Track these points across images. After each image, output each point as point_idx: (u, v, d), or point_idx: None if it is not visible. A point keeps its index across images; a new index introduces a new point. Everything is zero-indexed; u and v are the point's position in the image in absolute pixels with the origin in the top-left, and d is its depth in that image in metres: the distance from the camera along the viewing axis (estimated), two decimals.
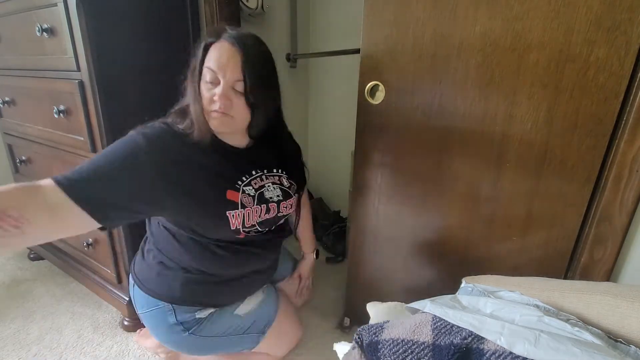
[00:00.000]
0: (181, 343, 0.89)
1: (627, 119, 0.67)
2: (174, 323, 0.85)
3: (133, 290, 0.91)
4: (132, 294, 0.92)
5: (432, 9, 0.78)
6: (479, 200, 0.86)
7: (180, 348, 0.92)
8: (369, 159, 0.98)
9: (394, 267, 1.06)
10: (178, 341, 0.88)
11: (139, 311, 0.91)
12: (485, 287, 0.63)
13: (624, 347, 0.46)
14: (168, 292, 0.85)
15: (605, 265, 0.77)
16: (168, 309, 0.85)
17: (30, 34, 1.04)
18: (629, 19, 0.63)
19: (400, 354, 0.50)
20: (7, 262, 1.59)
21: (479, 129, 0.80)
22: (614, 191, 0.71)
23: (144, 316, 0.90)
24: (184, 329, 0.85)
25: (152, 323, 0.89)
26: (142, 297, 0.88)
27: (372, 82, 0.89)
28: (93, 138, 1.02)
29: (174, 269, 0.85)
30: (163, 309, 0.85)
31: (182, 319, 0.85)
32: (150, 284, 0.87)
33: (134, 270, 0.92)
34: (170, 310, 0.85)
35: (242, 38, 0.70)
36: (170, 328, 0.86)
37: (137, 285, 0.89)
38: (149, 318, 0.88)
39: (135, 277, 0.91)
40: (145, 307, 0.88)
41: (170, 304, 0.85)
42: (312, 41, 1.86)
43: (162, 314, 0.86)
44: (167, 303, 0.85)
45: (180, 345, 0.90)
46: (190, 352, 0.94)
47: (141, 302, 0.89)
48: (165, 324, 0.86)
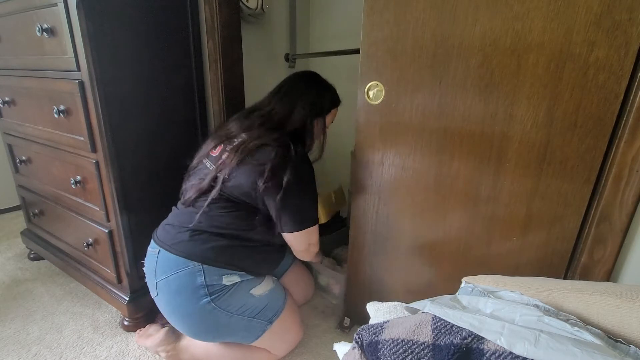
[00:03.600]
0: (196, 313, 0.91)
1: (627, 119, 0.67)
2: (201, 284, 0.90)
3: (157, 258, 0.94)
4: (155, 262, 0.94)
5: (432, 9, 0.78)
6: (479, 200, 0.86)
7: (191, 322, 0.93)
8: (369, 159, 0.98)
9: (394, 267, 1.06)
10: (194, 311, 0.91)
11: (160, 278, 0.93)
12: (485, 287, 0.63)
13: (624, 347, 0.46)
14: (202, 253, 0.92)
15: (605, 265, 0.77)
16: (198, 269, 0.90)
17: (30, 34, 1.05)
18: (629, 19, 0.63)
19: (400, 354, 0.50)
20: (7, 262, 1.59)
21: (479, 129, 0.80)
22: (613, 191, 0.71)
23: (166, 281, 0.92)
24: (207, 292, 0.90)
25: (175, 286, 0.91)
26: (169, 260, 0.92)
27: (372, 82, 0.89)
28: (93, 138, 1.02)
29: (208, 233, 0.93)
30: (193, 270, 0.90)
31: (210, 281, 0.91)
32: (183, 247, 0.92)
33: (159, 238, 0.97)
34: (200, 271, 0.90)
35: None
36: (195, 291, 0.90)
37: (164, 250, 0.93)
38: (174, 281, 0.91)
39: (161, 243, 0.95)
40: (172, 270, 0.91)
41: (201, 264, 0.90)
42: (312, 41, 1.86)
43: (191, 274, 0.90)
44: (199, 263, 0.90)
45: (193, 316, 0.92)
46: (199, 329, 0.96)
47: (168, 266, 0.92)
48: (191, 286, 0.90)
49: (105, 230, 1.13)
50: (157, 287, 0.95)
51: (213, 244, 0.93)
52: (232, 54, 1.23)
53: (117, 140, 1.03)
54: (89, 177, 1.10)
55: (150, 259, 0.98)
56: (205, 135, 1.31)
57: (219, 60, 1.20)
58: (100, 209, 1.11)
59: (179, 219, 0.98)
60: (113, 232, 1.13)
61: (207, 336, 0.99)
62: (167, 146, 1.18)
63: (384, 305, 0.73)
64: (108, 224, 1.13)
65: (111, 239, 1.14)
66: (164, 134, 1.16)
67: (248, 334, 0.98)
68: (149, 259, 0.98)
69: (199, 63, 1.22)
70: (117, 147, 1.03)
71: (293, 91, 1.02)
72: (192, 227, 0.93)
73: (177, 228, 0.96)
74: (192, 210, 0.96)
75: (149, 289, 1.00)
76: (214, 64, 1.21)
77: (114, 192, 1.05)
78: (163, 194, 1.18)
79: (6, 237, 1.82)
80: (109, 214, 1.11)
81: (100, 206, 1.11)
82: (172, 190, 1.15)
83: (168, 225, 0.99)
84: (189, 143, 1.27)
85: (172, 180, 1.19)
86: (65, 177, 1.19)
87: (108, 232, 1.13)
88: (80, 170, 1.13)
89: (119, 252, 1.14)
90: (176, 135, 1.20)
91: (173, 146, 1.20)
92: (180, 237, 0.94)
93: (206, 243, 0.93)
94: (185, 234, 0.94)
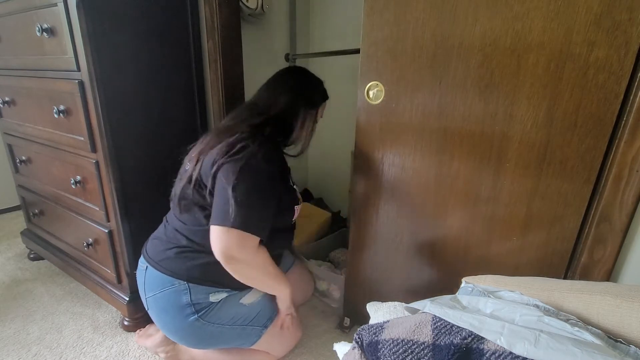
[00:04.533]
0: (186, 329, 0.90)
1: (627, 119, 0.67)
2: (187, 303, 0.88)
3: (145, 274, 0.93)
4: (143, 278, 0.94)
5: (432, 9, 0.78)
6: (479, 200, 0.86)
7: (183, 335, 0.93)
8: (369, 159, 0.98)
9: (394, 267, 1.06)
10: (183, 327, 0.90)
11: (148, 294, 0.92)
12: (485, 287, 0.63)
13: (623, 347, 0.46)
14: (187, 272, 0.89)
15: (605, 265, 0.77)
16: (184, 287, 0.88)
17: (30, 34, 1.05)
18: (629, 19, 0.63)
19: (400, 354, 0.50)
20: (7, 262, 1.59)
21: (479, 129, 0.80)
22: (613, 191, 0.71)
23: (154, 298, 0.91)
24: (194, 310, 0.88)
25: (162, 304, 0.90)
26: (156, 278, 0.91)
27: (372, 82, 0.89)
28: (93, 138, 1.02)
29: (195, 252, 0.89)
30: (178, 288, 0.88)
31: (196, 299, 0.88)
32: (168, 264, 0.90)
33: (148, 254, 0.95)
34: (185, 290, 0.88)
35: None
36: (181, 310, 0.88)
37: (151, 267, 0.92)
38: (161, 299, 0.90)
39: (149, 259, 0.93)
40: (159, 288, 0.90)
41: (187, 283, 0.88)
42: (312, 41, 1.86)
43: (177, 293, 0.88)
44: (184, 282, 0.88)
45: (183, 331, 0.91)
46: (192, 342, 0.95)
47: (155, 283, 0.91)
48: (177, 304, 0.88)
49: (105, 230, 1.13)
50: (147, 302, 0.94)
51: (200, 262, 0.89)
52: (232, 54, 1.23)
53: (117, 140, 1.03)
54: (89, 177, 1.10)
55: (139, 274, 0.96)
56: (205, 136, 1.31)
57: (219, 60, 1.20)
58: (100, 209, 1.12)
59: (168, 231, 0.94)
60: (113, 232, 1.13)
61: (202, 346, 0.98)
62: (167, 146, 1.17)
63: (384, 305, 0.73)
64: (108, 224, 1.13)
65: (111, 239, 1.14)
66: (164, 134, 1.16)
67: (244, 340, 0.97)
68: (139, 274, 0.96)
69: (199, 63, 1.22)
70: (117, 147, 1.03)
71: (280, 80, 0.99)
72: (179, 242, 0.90)
73: (165, 243, 0.93)
74: (178, 224, 0.93)
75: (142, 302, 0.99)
76: (214, 64, 1.21)
77: (114, 192, 1.05)
78: (163, 193, 1.18)
79: (6, 237, 1.82)
80: (108, 214, 1.11)
81: (100, 206, 1.11)
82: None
83: (156, 240, 0.96)
84: (189, 143, 1.26)
85: (172, 180, 1.19)
86: (65, 177, 1.19)
87: (108, 232, 1.13)
88: (80, 170, 1.13)
89: (119, 252, 1.14)
90: (176, 135, 1.20)
91: (173, 146, 1.19)
92: (167, 253, 0.91)
93: (192, 260, 0.89)
94: (172, 250, 0.90)
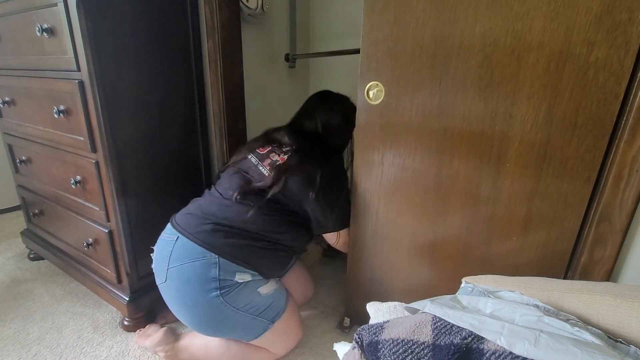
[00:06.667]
0: (203, 304, 0.91)
1: (627, 119, 0.67)
2: (213, 277, 0.90)
3: (174, 245, 0.95)
4: (171, 248, 0.95)
5: (432, 9, 0.78)
6: (479, 200, 0.86)
7: (197, 312, 0.94)
8: (368, 159, 0.98)
9: (394, 267, 1.06)
10: (202, 302, 0.91)
11: (173, 264, 0.93)
12: (485, 287, 0.63)
13: (624, 347, 0.46)
14: (221, 246, 0.93)
15: (605, 265, 0.77)
16: (214, 261, 0.91)
17: (30, 34, 1.05)
18: (629, 19, 0.63)
19: (400, 354, 0.50)
20: (7, 262, 1.59)
21: (479, 129, 0.80)
22: (613, 191, 0.71)
23: (180, 269, 0.92)
24: (217, 286, 0.90)
25: (187, 275, 0.92)
26: (187, 249, 0.93)
27: (372, 82, 0.89)
28: (93, 138, 1.02)
29: (233, 229, 0.95)
30: (209, 260, 0.91)
31: (223, 275, 0.91)
32: (204, 237, 0.93)
33: (178, 224, 0.97)
34: (215, 264, 0.91)
35: None
36: (206, 283, 0.90)
37: (183, 237, 0.94)
38: (188, 269, 0.92)
39: (182, 230, 0.96)
40: (188, 258, 0.92)
41: (218, 257, 0.91)
42: (312, 41, 1.86)
43: (206, 265, 0.91)
44: (216, 255, 0.91)
45: (200, 307, 0.92)
46: (202, 321, 0.96)
47: (184, 254, 0.93)
48: (203, 277, 0.90)
49: (105, 230, 1.13)
50: (168, 273, 0.94)
51: (235, 241, 0.94)
52: (232, 54, 1.23)
53: (117, 140, 1.03)
54: (89, 177, 1.10)
55: (164, 244, 0.98)
56: (205, 135, 1.31)
57: (219, 60, 1.20)
58: (100, 209, 1.11)
59: (204, 210, 0.99)
60: (113, 232, 1.13)
61: (208, 329, 0.99)
62: (167, 146, 1.18)
63: (384, 305, 0.73)
64: (108, 224, 1.13)
65: (111, 239, 1.13)
66: (164, 134, 1.16)
67: (250, 331, 0.99)
68: (164, 244, 0.98)
69: (199, 63, 1.22)
70: (117, 147, 1.03)
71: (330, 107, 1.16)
72: (217, 221, 0.95)
73: (201, 218, 0.97)
74: (225, 202, 0.98)
75: (155, 276, 0.99)
76: (214, 64, 1.21)
77: (114, 192, 1.05)
78: (163, 193, 1.18)
79: (6, 237, 1.82)
80: (109, 214, 1.11)
81: (100, 206, 1.11)
82: (172, 190, 1.15)
83: (190, 215, 1.00)
84: (189, 143, 1.27)
85: (172, 179, 1.19)
86: (65, 177, 1.19)
87: (108, 232, 1.13)
88: (80, 170, 1.13)
89: (119, 252, 1.14)
90: (176, 135, 1.20)
91: (173, 146, 1.20)
92: (203, 227, 0.95)
93: (228, 238, 0.94)
94: (209, 225, 0.95)
